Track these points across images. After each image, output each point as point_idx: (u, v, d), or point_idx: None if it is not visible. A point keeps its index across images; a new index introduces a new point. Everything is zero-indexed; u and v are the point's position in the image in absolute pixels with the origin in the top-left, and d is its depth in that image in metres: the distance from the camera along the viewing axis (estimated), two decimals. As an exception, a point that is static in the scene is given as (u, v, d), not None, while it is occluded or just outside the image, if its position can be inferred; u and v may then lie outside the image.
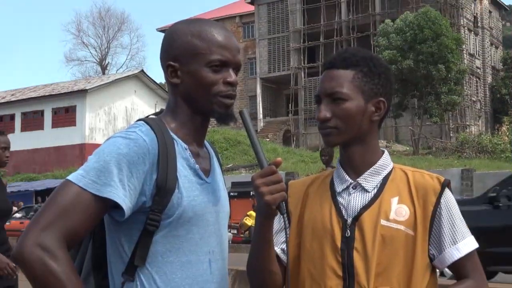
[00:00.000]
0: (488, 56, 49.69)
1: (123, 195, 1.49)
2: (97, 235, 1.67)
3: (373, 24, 42.95)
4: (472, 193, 23.02)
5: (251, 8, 50.59)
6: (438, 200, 1.71)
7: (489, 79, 48.89)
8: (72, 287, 1.40)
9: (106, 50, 63.76)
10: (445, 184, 1.74)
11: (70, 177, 1.49)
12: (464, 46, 40.30)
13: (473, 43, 47.79)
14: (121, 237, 1.57)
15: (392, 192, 1.73)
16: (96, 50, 64.10)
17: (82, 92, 37.14)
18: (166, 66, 1.68)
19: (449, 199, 1.73)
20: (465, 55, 42.61)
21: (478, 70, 47.73)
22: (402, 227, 1.68)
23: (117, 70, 61.50)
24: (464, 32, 43.83)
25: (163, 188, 1.55)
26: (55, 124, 38.17)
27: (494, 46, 52.06)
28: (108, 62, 64.01)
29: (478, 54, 48.46)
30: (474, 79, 46.40)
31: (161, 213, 1.56)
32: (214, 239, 1.67)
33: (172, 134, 1.63)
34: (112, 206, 1.51)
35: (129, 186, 1.51)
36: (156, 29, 57.13)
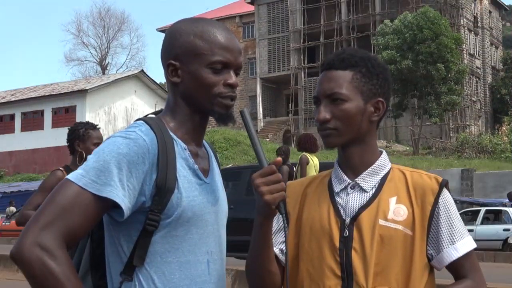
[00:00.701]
0: (488, 56, 49.71)
1: (123, 195, 1.49)
2: (95, 235, 1.67)
3: (373, 24, 42.99)
4: (472, 193, 22.95)
5: (251, 8, 50.58)
6: (436, 200, 1.71)
7: (489, 79, 48.91)
8: (71, 287, 1.39)
9: (106, 50, 63.76)
10: (443, 184, 1.73)
11: (69, 177, 1.49)
12: (464, 46, 40.35)
13: (473, 43, 47.81)
14: (120, 237, 1.56)
15: (390, 192, 1.73)
16: (96, 50, 64.13)
17: (82, 92, 37.13)
18: (167, 65, 1.67)
19: (447, 199, 1.73)
20: (465, 55, 42.67)
21: (478, 70, 47.76)
22: (400, 227, 1.68)
23: (117, 70, 61.54)
24: (464, 32, 43.87)
25: (163, 188, 1.54)
26: (55, 124, 38.14)
27: (494, 46, 52.08)
28: (108, 62, 64.03)
29: (478, 54, 48.48)
30: (474, 79, 46.44)
31: (160, 213, 1.55)
32: (212, 240, 1.67)
33: (171, 133, 1.63)
34: (112, 206, 1.50)
35: (129, 186, 1.50)
36: (156, 29, 56.94)
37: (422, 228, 1.69)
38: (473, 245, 1.73)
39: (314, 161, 8.36)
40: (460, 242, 1.71)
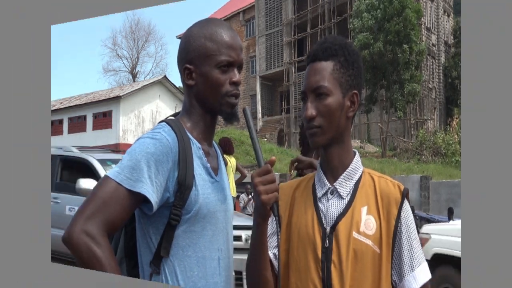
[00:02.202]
0: (442, 29, 42.39)
1: (152, 191, 1.42)
2: (128, 227, 1.61)
3: (349, 4, 35.54)
4: (429, 207, 18.83)
5: (252, 1, 43.08)
6: (399, 212, 1.46)
7: (443, 59, 42.32)
8: (111, 271, 1.35)
9: (136, 59, 62.60)
10: (405, 194, 1.47)
11: (108, 174, 1.43)
12: (422, 19, 34.78)
13: (430, 13, 40.40)
14: (150, 229, 1.48)
15: (362, 200, 1.48)
16: (128, 61, 62.93)
17: (117, 99, 36.92)
18: (183, 69, 1.54)
19: (407, 212, 1.48)
20: (423, 30, 36.76)
21: (434, 48, 40.86)
22: (370, 242, 1.43)
23: (145, 77, 59.98)
24: (422, 1, 37.13)
25: (183, 185, 1.46)
26: (95, 127, 38.04)
27: (446, 14, 44.19)
28: (138, 70, 62.73)
29: (434, 27, 41.22)
30: (430, 59, 40.03)
31: (181, 208, 1.47)
32: (222, 237, 1.54)
33: (188, 133, 1.52)
34: (143, 200, 1.44)
35: (156, 182, 1.43)
36: (176, 36, 52.53)
37: (388, 246, 1.44)
38: (429, 275, 1.47)
39: (231, 162, 8.37)
40: (418, 269, 1.45)
